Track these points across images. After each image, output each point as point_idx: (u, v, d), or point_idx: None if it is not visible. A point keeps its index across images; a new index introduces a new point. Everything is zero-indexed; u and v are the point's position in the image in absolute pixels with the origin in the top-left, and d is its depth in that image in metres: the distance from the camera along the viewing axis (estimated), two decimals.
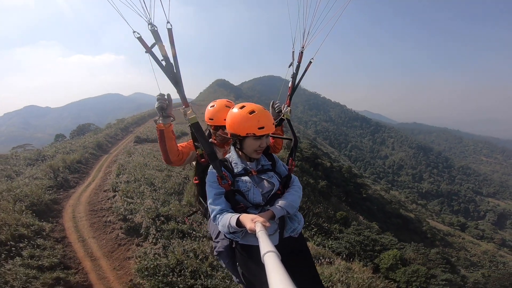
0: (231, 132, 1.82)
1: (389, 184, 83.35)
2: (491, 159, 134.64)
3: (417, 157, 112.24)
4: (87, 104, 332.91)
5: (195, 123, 1.91)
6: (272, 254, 0.84)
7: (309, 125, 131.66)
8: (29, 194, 7.00)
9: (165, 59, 1.81)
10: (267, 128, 1.74)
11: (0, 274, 4.43)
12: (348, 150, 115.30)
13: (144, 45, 1.77)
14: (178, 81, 1.87)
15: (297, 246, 1.89)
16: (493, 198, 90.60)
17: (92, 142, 14.06)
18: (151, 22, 1.71)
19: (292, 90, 2.57)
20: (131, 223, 6.61)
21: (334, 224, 14.19)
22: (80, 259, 5.72)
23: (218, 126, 2.33)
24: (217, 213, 1.68)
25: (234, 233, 1.62)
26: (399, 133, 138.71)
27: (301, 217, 1.91)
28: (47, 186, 7.99)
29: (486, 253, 35.05)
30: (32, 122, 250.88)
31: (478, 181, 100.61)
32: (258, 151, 1.81)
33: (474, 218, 72.65)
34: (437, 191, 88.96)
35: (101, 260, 5.78)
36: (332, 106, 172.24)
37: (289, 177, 1.94)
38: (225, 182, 1.71)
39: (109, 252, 6.05)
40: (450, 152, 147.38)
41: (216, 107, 2.35)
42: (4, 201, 6.53)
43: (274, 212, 1.66)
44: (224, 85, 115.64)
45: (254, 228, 1.28)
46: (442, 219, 52.77)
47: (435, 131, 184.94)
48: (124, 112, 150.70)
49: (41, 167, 9.48)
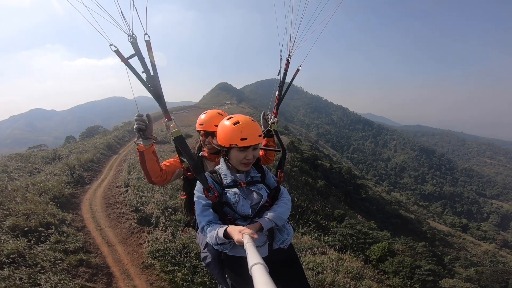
0: (218, 143, 1.84)
1: (391, 186, 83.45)
2: (495, 161, 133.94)
3: (420, 159, 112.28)
4: (91, 107, 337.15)
5: (179, 136, 1.90)
6: (259, 266, 0.85)
7: (311, 127, 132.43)
8: (51, 188, 7.84)
9: (146, 72, 1.78)
10: (251, 139, 1.72)
11: (32, 256, 5.20)
12: (350, 153, 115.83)
13: (121, 58, 1.73)
14: (160, 95, 1.84)
15: (287, 257, 1.90)
16: (497, 199, 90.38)
17: (102, 143, 14.96)
18: (131, 34, 1.70)
19: (279, 100, 2.53)
20: (143, 214, 7.39)
21: (331, 222, 14.85)
22: (99, 245, 6.48)
23: (208, 132, 2.32)
24: (204, 224, 1.69)
25: (222, 245, 1.61)
26: (401, 135, 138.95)
27: (291, 229, 1.91)
28: (66, 182, 8.83)
29: (486, 253, 35.23)
30: (38, 125, 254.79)
31: (482, 183, 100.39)
32: (245, 164, 1.80)
33: (478, 219, 72.50)
34: (439, 193, 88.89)
35: (116, 246, 6.55)
36: (335, 109, 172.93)
37: (278, 189, 1.94)
38: (211, 194, 1.72)
39: (123, 239, 6.83)
40: (454, 154, 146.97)
41: (207, 114, 2.38)
42: (30, 194, 7.36)
43: (262, 224, 1.65)
44: (227, 88, 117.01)
45: (242, 240, 1.28)
46: (444, 220, 52.86)
47: (438, 134, 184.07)
48: (128, 115, 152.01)
49: (58, 165, 10.34)
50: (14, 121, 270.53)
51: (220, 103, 79.21)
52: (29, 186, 7.77)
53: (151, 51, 1.78)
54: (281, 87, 2.52)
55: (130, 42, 1.72)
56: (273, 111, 2.53)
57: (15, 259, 4.80)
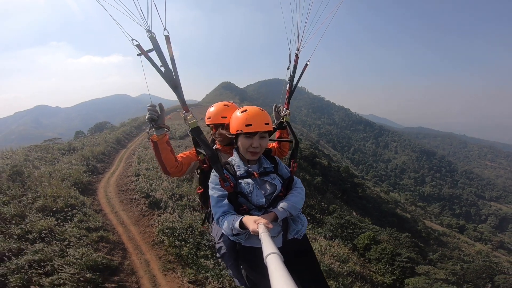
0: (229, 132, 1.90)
1: (391, 187, 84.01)
2: (496, 164, 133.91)
3: (420, 161, 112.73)
4: (96, 104, 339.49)
5: (196, 127, 1.93)
6: (274, 255, 0.85)
7: (312, 128, 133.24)
8: (72, 175, 8.82)
9: (164, 65, 1.83)
10: (255, 126, 1.75)
11: (61, 232, 6.12)
12: (351, 153, 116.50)
13: (143, 52, 1.79)
14: (177, 86, 1.89)
15: (301, 247, 1.91)
16: (496, 202, 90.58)
17: (112, 138, 15.96)
18: (149, 29, 1.75)
19: (290, 93, 2.58)
20: (153, 199, 8.35)
21: (326, 216, 15.74)
22: (114, 225, 7.41)
23: (217, 125, 2.37)
24: (220, 215, 1.70)
25: (238, 235, 1.63)
26: (402, 137, 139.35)
27: (305, 219, 1.92)
28: (83, 171, 9.82)
29: (480, 253, 35.79)
30: (43, 121, 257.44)
31: (481, 185, 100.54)
32: (251, 152, 1.81)
33: (476, 221, 72.65)
34: (438, 194, 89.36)
35: (130, 226, 7.49)
36: (336, 109, 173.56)
37: (291, 179, 1.96)
38: (227, 184, 1.73)
39: (136, 221, 7.77)
40: (455, 156, 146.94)
41: (214, 107, 2.43)
42: (54, 180, 8.33)
43: (277, 214, 1.66)
44: (230, 87, 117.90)
45: (257, 230, 1.29)
46: (441, 221, 53.40)
47: (440, 136, 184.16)
48: (131, 112, 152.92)
49: (74, 156, 11.33)
50: (19, 117, 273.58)
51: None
52: (52, 173, 8.75)
53: (170, 45, 1.84)
54: (291, 80, 2.56)
55: (149, 38, 1.78)
56: (284, 104, 2.57)
57: (46, 235, 5.58)
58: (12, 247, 4.91)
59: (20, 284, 4.13)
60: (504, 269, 31.16)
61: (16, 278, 4.15)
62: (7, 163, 8.90)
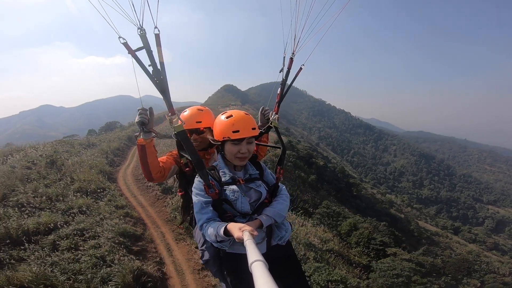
0: (214, 138, 1.87)
1: (389, 189, 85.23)
2: (495, 168, 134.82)
3: (419, 164, 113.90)
4: (99, 105, 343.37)
5: (181, 131, 1.89)
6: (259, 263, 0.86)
7: (313, 131, 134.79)
8: (97, 165, 10.45)
9: (152, 65, 1.79)
10: (243, 132, 1.75)
11: (96, 208, 7.62)
12: (350, 156, 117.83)
13: (129, 50, 1.75)
14: (165, 89, 1.84)
15: (285, 254, 1.94)
16: (494, 205, 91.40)
17: (123, 136, 17.64)
18: (141, 26, 1.72)
19: (281, 97, 2.53)
20: (166, 186, 9.92)
21: (318, 209, 17.22)
22: (135, 206, 8.97)
23: (192, 130, 2.35)
24: (204, 222, 1.69)
25: (222, 242, 1.63)
26: (401, 140, 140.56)
27: (289, 225, 1.94)
28: (105, 162, 11.46)
29: (470, 252, 36.76)
30: (47, 121, 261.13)
31: (479, 189, 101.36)
32: (239, 158, 1.81)
33: (472, 224, 73.54)
34: (436, 197, 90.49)
35: (147, 207, 9.05)
36: (337, 113, 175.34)
37: (276, 186, 1.96)
38: (212, 191, 1.72)
39: (152, 203, 9.34)
40: (454, 160, 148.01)
41: (187, 112, 2.39)
42: (84, 168, 9.97)
43: (262, 221, 1.67)
44: (232, 90, 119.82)
45: (242, 237, 1.29)
46: (436, 222, 54.38)
47: (440, 140, 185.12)
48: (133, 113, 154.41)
49: (94, 150, 12.99)
50: (24, 116, 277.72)
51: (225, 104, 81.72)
52: (81, 163, 10.39)
53: (160, 45, 1.80)
54: (283, 84, 2.52)
55: (139, 35, 1.73)
56: (274, 108, 2.53)
57: (85, 211, 7.05)
58: (59, 219, 6.28)
59: (68, 246, 5.31)
60: (494, 268, 32.39)
61: (65, 243, 5.37)
62: (40, 154, 10.55)
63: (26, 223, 5.66)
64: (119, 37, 1.71)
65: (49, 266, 4.53)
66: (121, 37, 1.71)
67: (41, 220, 5.90)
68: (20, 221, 5.74)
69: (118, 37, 1.70)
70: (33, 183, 8.02)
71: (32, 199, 7.02)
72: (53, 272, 4.37)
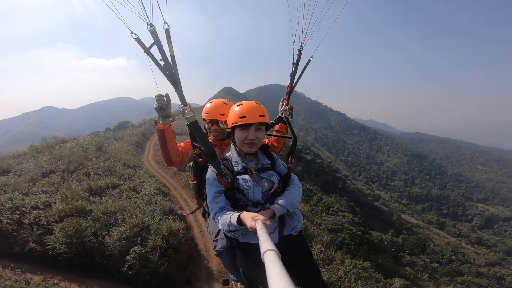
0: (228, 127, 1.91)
1: (381, 187, 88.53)
2: (487, 167, 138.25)
3: (411, 163, 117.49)
4: (100, 106, 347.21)
5: (194, 122, 1.95)
6: (272, 252, 0.86)
7: (309, 132, 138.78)
8: (129, 151, 14.18)
9: (164, 60, 1.86)
10: (249, 117, 1.77)
11: (137, 176, 11.23)
12: (345, 156, 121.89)
13: (142, 46, 1.82)
14: (177, 81, 1.92)
15: (297, 244, 1.96)
16: (483, 203, 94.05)
17: (139, 132, 21.39)
18: (150, 23, 1.77)
19: (291, 89, 2.61)
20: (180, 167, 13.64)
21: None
22: (162, 179, 12.65)
23: (214, 121, 2.40)
24: (217, 211, 1.72)
25: (235, 231, 1.64)
26: (395, 141, 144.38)
27: (301, 215, 1.95)
28: (132, 150, 15.20)
29: (448, 244, 39.40)
30: (49, 122, 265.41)
31: (470, 187, 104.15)
32: (248, 144, 1.83)
33: (462, 221, 75.52)
34: (427, 195, 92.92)
35: (169, 178, 12.70)
36: (333, 114, 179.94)
37: (288, 176, 1.97)
38: (224, 180, 1.75)
39: (171, 176, 13.00)
40: (447, 160, 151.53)
41: (213, 103, 2.45)
42: (121, 152, 13.66)
43: (275, 210, 1.68)
44: (231, 92, 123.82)
45: (255, 226, 1.29)
46: (422, 217, 57.18)
47: (435, 141, 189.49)
48: (135, 115, 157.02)
49: (121, 142, 16.71)
50: (27, 118, 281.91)
51: None
52: (119, 148, 14.11)
53: (170, 40, 1.87)
54: (293, 76, 2.59)
55: (149, 31, 1.80)
56: (285, 99, 2.61)
57: (130, 177, 10.87)
58: (115, 181, 9.95)
59: (128, 195, 8.68)
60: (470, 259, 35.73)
61: (126, 193, 8.77)
62: (89, 141, 14.29)
63: (100, 183, 9.25)
64: (131, 33, 1.78)
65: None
66: (133, 33, 1.79)
67: (108, 180, 9.52)
68: (95, 182, 9.36)
69: (130, 33, 1.78)
70: (92, 160, 11.70)
71: (95, 169, 10.68)
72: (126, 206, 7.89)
